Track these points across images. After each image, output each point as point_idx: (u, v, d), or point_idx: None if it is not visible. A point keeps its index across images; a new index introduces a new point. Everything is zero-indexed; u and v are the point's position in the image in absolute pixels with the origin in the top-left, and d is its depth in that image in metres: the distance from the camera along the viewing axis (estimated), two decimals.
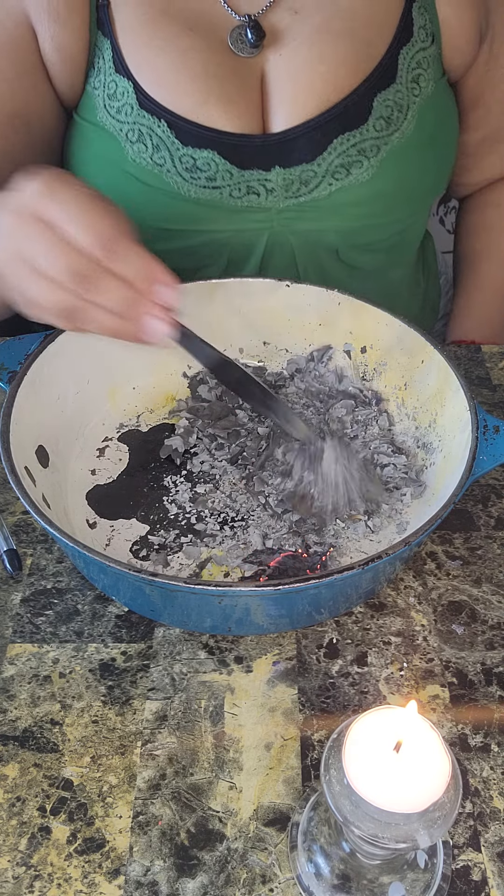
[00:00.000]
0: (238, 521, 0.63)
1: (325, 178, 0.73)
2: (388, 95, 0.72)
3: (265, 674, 0.56)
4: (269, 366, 0.77)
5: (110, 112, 0.71)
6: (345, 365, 0.74)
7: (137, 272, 0.52)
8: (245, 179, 0.72)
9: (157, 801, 0.50)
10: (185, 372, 0.76)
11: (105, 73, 0.71)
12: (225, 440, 0.69)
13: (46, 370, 0.64)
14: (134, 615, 0.59)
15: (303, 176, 0.72)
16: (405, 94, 0.73)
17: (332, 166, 0.72)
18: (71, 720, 0.53)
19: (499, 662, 0.57)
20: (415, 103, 0.73)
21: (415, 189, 0.79)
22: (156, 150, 0.71)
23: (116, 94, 0.71)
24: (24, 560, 0.63)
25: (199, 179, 0.71)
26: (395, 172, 0.75)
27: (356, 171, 0.73)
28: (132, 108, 0.70)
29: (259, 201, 0.74)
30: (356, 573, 0.49)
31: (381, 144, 0.73)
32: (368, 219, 0.77)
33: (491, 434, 0.59)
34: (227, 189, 0.72)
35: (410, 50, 0.73)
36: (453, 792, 0.39)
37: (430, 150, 0.77)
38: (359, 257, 0.81)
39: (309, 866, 0.46)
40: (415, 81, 0.73)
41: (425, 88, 0.74)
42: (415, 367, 0.68)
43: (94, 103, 0.72)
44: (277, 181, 0.72)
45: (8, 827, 0.49)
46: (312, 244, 0.77)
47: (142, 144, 0.71)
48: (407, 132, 0.73)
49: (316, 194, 0.73)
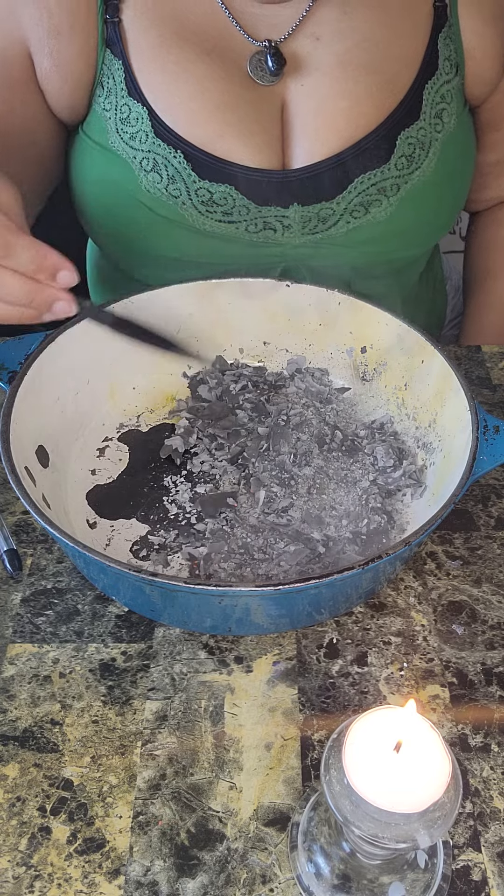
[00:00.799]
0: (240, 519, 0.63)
1: (344, 216, 0.71)
2: (412, 133, 0.70)
3: (265, 674, 0.56)
4: (269, 366, 0.77)
5: (123, 138, 0.69)
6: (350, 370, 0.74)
7: (35, 264, 0.51)
8: (262, 215, 0.71)
9: (157, 801, 0.50)
10: (185, 372, 0.76)
11: (117, 94, 0.68)
12: (225, 440, 0.69)
13: (46, 370, 0.64)
14: (134, 615, 0.59)
15: (321, 214, 0.71)
16: (428, 130, 0.71)
17: (352, 205, 0.71)
18: (71, 720, 0.53)
19: (499, 662, 0.57)
20: (437, 140, 0.71)
21: (430, 225, 0.78)
22: (171, 181, 0.68)
23: (130, 119, 0.68)
24: (24, 560, 0.63)
25: (215, 214, 0.70)
26: (412, 211, 0.73)
27: (374, 210, 0.71)
28: (147, 136, 0.68)
29: (275, 237, 0.72)
30: (356, 573, 0.49)
31: (402, 183, 0.71)
32: (382, 255, 0.76)
33: (491, 434, 0.59)
34: (243, 224, 0.71)
35: (435, 84, 0.70)
36: (453, 792, 0.39)
37: (449, 186, 0.76)
38: (370, 286, 0.81)
39: (309, 866, 0.46)
40: (438, 117, 0.71)
41: (448, 123, 0.72)
42: (415, 367, 0.68)
43: (105, 126, 0.70)
44: (295, 218, 0.71)
45: (8, 827, 0.49)
46: (325, 277, 0.76)
47: (156, 174, 0.69)
48: (428, 170, 0.72)
49: (333, 231, 0.72)
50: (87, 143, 0.72)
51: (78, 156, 0.74)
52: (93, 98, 0.70)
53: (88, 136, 0.72)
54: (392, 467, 0.67)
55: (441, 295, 0.99)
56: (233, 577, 0.58)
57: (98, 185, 0.73)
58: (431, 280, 0.96)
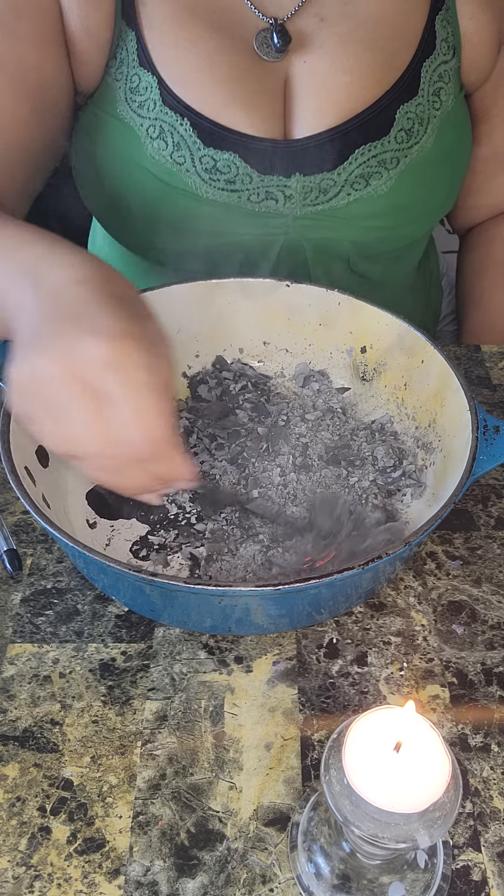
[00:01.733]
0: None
1: (344, 187, 0.72)
2: (411, 108, 0.72)
3: (265, 674, 0.56)
4: (269, 366, 0.77)
5: (132, 106, 0.70)
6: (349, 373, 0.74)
7: (169, 474, 0.48)
8: (265, 185, 0.72)
9: (157, 801, 0.50)
10: (184, 372, 0.76)
11: (128, 65, 0.70)
12: (225, 440, 0.69)
13: None
14: (134, 615, 0.59)
15: (322, 184, 0.72)
16: (426, 107, 0.73)
17: (352, 176, 0.72)
18: (71, 720, 0.53)
19: (499, 662, 0.57)
20: (435, 117, 0.73)
21: (429, 203, 0.78)
22: (176, 148, 0.70)
23: (139, 88, 0.70)
24: (24, 560, 0.63)
25: (218, 182, 0.71)
26: (412, 186, 0.74)
27: (375, 183, 0.73)
28: (155, 104, 0.69)
29: (277, 207, 0.73)
30: (356, 573, 0.49)
31: (401, 157, 0.73)
32: (382, 231, 0.77)
33: (491, 434, 0.59)
34: (245, 193, 0.72)
35: (433, 63, 0.73)
36: (453, 792, 0.39)
37: (447, 165, 0.77)
38: (369, 267, 0.81)
39: (309, 866, 0.46)
40: (436, 95, 0.73)
41: (445, 102, 0.74)
42: (415, 367, 0.68)
43: (115, 95, 0.71)
44: (296, 188, 0.72)
45: (8, 827, 0.49)
46: (326, 253, 0.77)
47: (162, 141, 0.70)
48: (426, 146, 0.73)
49: (334, 203, 0.73)
50: (94, 114, 0.73)
51: (84, 128, 0.75)
52: (106, 69, 0.71)
53: (97, 107, 0.73)
54: (392, 467, 0.67)
55: (437, 289, 1.00)
56: (238, 570, 0.58)
57: (104, 155, 0.74)
58: (427, 274, 0.96)
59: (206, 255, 0.77)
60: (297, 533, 0.60)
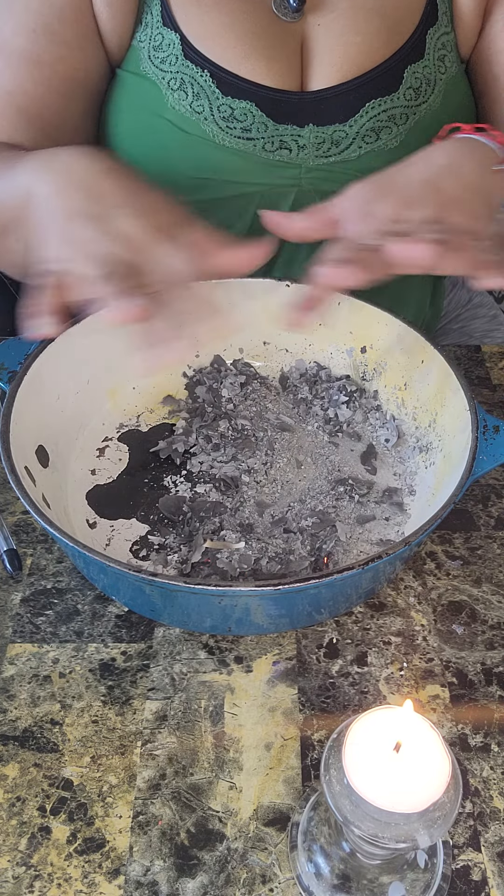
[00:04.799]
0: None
1: (356, 140, 0.75)
2: (418, 69, 0.76)
3: (265, 674, 0.56)
4: (269, 365, 0.77)
5: (154, 62, 0.74)
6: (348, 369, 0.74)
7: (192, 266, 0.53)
8: (279, 133, 0.75)
9: (157, 801, 0.50)
10: (184, 372, 0.76)
11: (152, 26, 0.74)
12: (223, 440, 0.69)
13: (46, 370, 0.64)
14: (134, 615, 0.59)
15: (334, 136, 0.75)
16: (432, 69, 0.76)
17: (363, 129, 0.75)
18: (71, 720, 0.53)
19: (499, 662, 0.57)
20: (441, 80, 0.77)
21: None
22: (196, 98, 0.73)
23: (162, 45, 0.73)
24: (24, 560, 0.63)
25: (234, 129, 0.74)
26: (421, 143, 0.76)
27: (385, 137, 0.75)
28: (177, 59, 0.73)
29: (290, 157, 0.76)
30: (356, 573, 0.49)
31: (410, 113, 0.76)
32: None
33: (491, 434, 0.59)
34: (260, 142, 0.75)
35: (436, 32, 0.76)
36: (453, 792, 0.39)
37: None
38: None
39: (309, 866, 0.46)
40: (440, 60, 0.77)
41: (450, 69, 0.78)
42: (415, 367, 0.68)
43: (139, 55, 0.75)
44: (309, 138, 0.75)
45: (8, 827, 0.49)
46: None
47: (182, 92, 0.73)
48: (434, 106, 0.76)
49: (345, 155, 0.76)
50: (120, 76, 0.77)
51: (111, 90, 0.78)
52: (133, 34, 0.75)
53: (123, 69, 0.76)
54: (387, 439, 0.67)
55: (440, 286, 1.00)
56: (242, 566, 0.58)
57: (127, 111, 0.77)
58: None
59: (221, 207, 0.79)
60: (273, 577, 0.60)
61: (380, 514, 0.64)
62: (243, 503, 0.64)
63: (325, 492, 0.65)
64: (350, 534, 0.62)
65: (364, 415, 0.71)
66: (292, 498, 0.65)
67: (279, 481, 0.66)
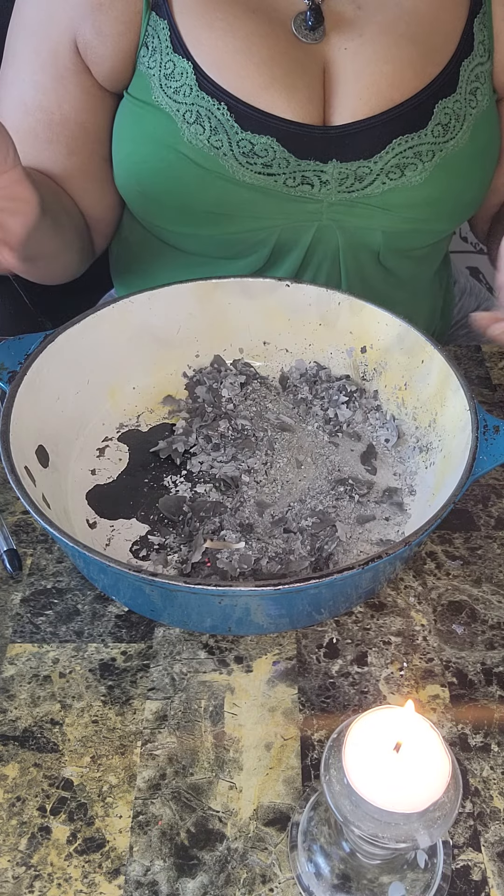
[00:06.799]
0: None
1: (380, 176, 0.74)
2: (448, 104, 0.73)
3: (265, 674, 0.56)
4: (269, 365, 0.77)
5: (167, 92, 0.71)
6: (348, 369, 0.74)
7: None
8: (301, 169, 0.73)
9: (157, 801, 0.50)
10: (184, 372, 0.76)
11: (161, 52, 0.71)
12: (223, 440, 0.69)
13: (46, 370, 0.64)
14: (134, 615, 0.59)
15: (358, 172, 0.73)
16: (463, 104, 0.74)
17: (388, 166, 0.73)
18: (71, 720, 0.53)
19: (499, 662, 0.57)
20: (471, 115, 0.75)
21: (460, 199, 0.79)
22: (213, 132, 0.71)
23: (174, 74, 0.71)
24: (24, 560, 0.63)
25: (255, 165, 0.72)
26: (445, 180, 0.76)
27: (410, 174, 0.74)
28: (191, 90, 0.70)
29: (312, 192, 0.74)
30: (356, 573, 0.49)
31: (437, 150, 0.74)
32: (414, 223, 0.78)
33: (491, 434, 0.59)
34: (282, 177, 0.73)
35: (471, 63, 0.74)
36: (453, 792, 0.39)
37: (479, 162, 0.78)
38: (397, 263, 0.81)
39: (309, 866, 0.46)
40: (472, 94, 0.75)
41: (481, 102, 0.76)
42: (415, 367, 0.68)
43: (149, 83, 0.72)
44: (333, 174, 0.73)
45: (8, 827, 0.49)
46: (357, 242, 0.78)
47: (199, 126, 0.71)
48: (461, 142, 0.75)
49: (369, 191, 0.74)
50: (130, 104, 0.75)
51: (120, 118, 0.77)
52: (137, 59, 0.73)
53: (132, 96, 0.74)
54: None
55: (450, 297, 1.00)
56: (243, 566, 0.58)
57: (140, 141, 0.75)
58: (444, 281, 0.96)
59: (240, 241, 0.77)
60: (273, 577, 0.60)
61: (380, 514, 0.64)
62: (243, 503, 0.64)
63: (325, 492, 0.65)
64: (350, 534, 0.62)
65: (364, 415, 0.71)
66: (292, 498, 0.65)
67: (279, 481, 0.66)
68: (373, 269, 0.81)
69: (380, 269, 0.81)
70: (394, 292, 0.84)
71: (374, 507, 0.64)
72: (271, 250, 0.78)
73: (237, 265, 0.80)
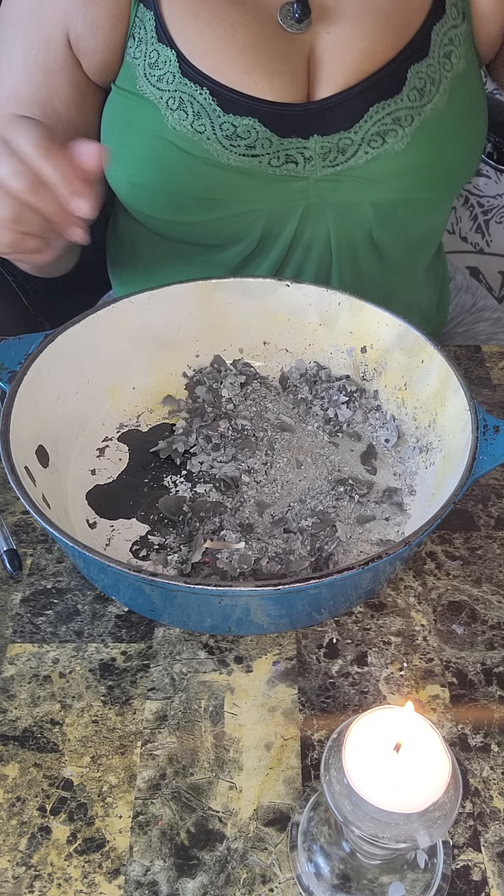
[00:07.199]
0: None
1: (362, 146, 0.74)
2: (421, 68, 0.74)
3: (265, 674, 0.56)
4: (269, 365, 0.77)
5: (151, 80, 0.73)
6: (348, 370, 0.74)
7: (64, 174, 0.57)
8: (284, 147, 0.73)
9: (157, 801, 0.50)
10: (184, 372, 0.76)
11: (147, 42, 0.72)
12: (223, 440, 0.69)
13: (46, 370, 0.64)
14: (134, 615, 0.59)
15: (340, 144, 0.74)
16: (437, 67, 0.75)
17: (369, 134, 0.74)
18: (71, 720, 0.53)
19: (499, 662, 0.57)
20: (447, 78, 0.76)
21: (446, 164, 0.80)
22: (196, 117, 0.72)
23: (158, 62, 0.72)
24: (24, 560, 0.63)
25: (238, 147, 0.73)
26: (428, 144, 0.76)
27: (391, 140, 0.74)
28: (174, 77, 0.71)
29: (297, 170, 0.75)
30: (356, 573, 0.49)
31: (415, 114, 0.75)
32: (403, 192, 0.78)
33: (491, 434, 0.59)
34: (266, 157, 0.73)
35: (443, 27, 0.75)
36: (453, 792, 0.39)
37: (462, 126, 0.79)
38: (389, 242, 0.81)
39: (309, 866, 0.46)
40: (446, 57, 0.76)
41: (457, 65, 0.76)
42: (415, 367, 0.68)
43: (134, 73, 0.73)
44: (315, 149, 0.74)
45: (8, 827, 0.49)
46: (347, 219, 0.78)
47: (182, 112, 0.72)
48: (440, 105, 0.75)
49: (352, 163, 0.75)
50: (117, 95, 0.76)
51: (108, 110, 0.78)
52: (125, 51, 0.74)
53: (119, 87, 0.75)
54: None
55: (445, 292, 1.00)
56: (242, 566, 0.58)
57: (127, 131, 0.76)
58: (440, 276, 0.96)
59: (229, 225, 0.78)
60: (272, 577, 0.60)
61: (380, 514, 0.64)
62: (243, 503, 0.64)
63: (325, 492, 0.65)
64: (350, 534, 0.62)
65: (364, 415, 0.71)
66: (292, 498, 0.65)
67: (279, 481, 0.66)
68: (366, 249, 0.81)
69: (373, 249, 0.82)
70: (389, 278, 0.84)
71: (374, 508, 0.64)
72: (261, 233, 0.78)
73: (230, 252, 0.80)
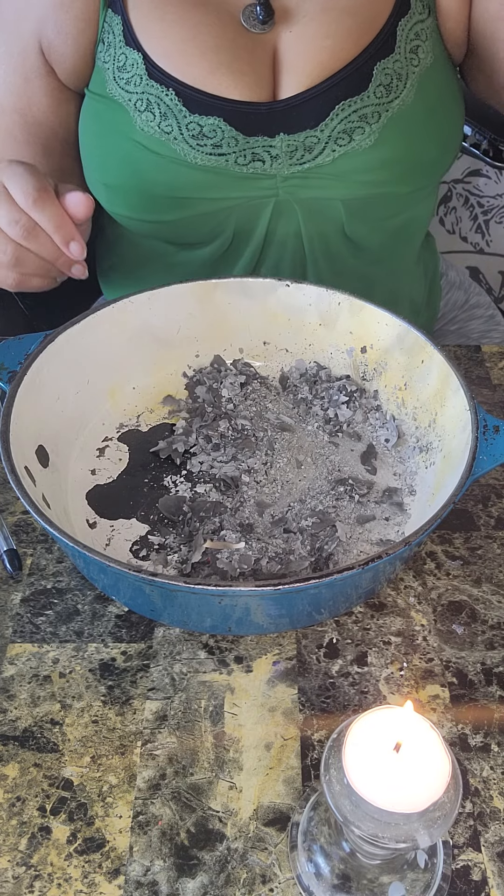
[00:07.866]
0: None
1: (329, 144, 0.74)
2: (388, 64, 0.74)
3: (265, 674, 0.56)
4: (269, 365, 0.77)
5: (120, 84, 0.74)
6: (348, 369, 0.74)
7: (55, 222, 0.61)
8: (250, 146, 0.74)
9: (157, 801, 0.50)
10: (184, 372, 0.76)
11: (115, 46, 0.73)
12: (223, 440, 0.69)
13: (46, 370, 0.64)
14: (134, 615, 0.59)
15: (306, 142, 0.74)
16: (404, 63, 0.75)
17: (335, 132, 0.74)
18: (71, 720, 0.53)
19: (499, 662, 0.57)
20: (414, 73, 0.75)
21: (417, 159, 0.79)
22: (163, 118, 0.73)
23: (126, 65, 0.73)
24: (24, 560, 0.63)
25: (205, 147, 0.73)
26: (396, 140, 0.76)
27: (358, 138, 0.74)
28: (141, 79, 0.73)
29: (264, 168, 0.75)
30: (356, 573, 0.49)
31: (382, 111, 0.74)
32: (372, 188, 0.78)
33: (491, 434, 0.59)
34: (232, 156, 0.74)
35: (408, 22, 0.75)
36: (453, 792, 0.39)
37: (432, 120, 0.79)
38: (365, 235, 0.81)
39: (309, 866, 0.46)
40: (413, 52, 0.75)
41: (424, 59, 0.76)
42: (415, 367, 0.68)
43: (104, 77, 0.75)
44: (282, 147, 0.74)
45: (8, 827, 0.49)
46: (318, 214, 0.78)
47: (149, 113, 0.73)
48: (407, 100, 0.75)
49: (320, 161, 0.75)
50: (90, 99, 0.77)
51: (83, 115, 0.79)
52: (95, 56, 0.75)
53: (91, 92, 0.77)
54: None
55: (436, 286, 1.00)
56: (242, 566, 0.58)
57: (100, 134, 0.77)
58: (430, 270, 0.96)
59: (201, 224, 0.78)
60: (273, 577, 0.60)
61: (380, 514, 0.64)
62: (243, 503, 0.64)
63: (325, 492, 0.65)
64: (350, 534, 0.62)
65: (364, 415, 0.71)
66: (292, 498, 0.65)
67: (279, 481, 0.66)
68: (339, 243, 0.81)
69: (347, 242, 0.82)
70: (369, 269, 0.84)
71: (374, 507, 0.64)
72: (234, 230, 0.79)
73: (206, 250, 0.81)
